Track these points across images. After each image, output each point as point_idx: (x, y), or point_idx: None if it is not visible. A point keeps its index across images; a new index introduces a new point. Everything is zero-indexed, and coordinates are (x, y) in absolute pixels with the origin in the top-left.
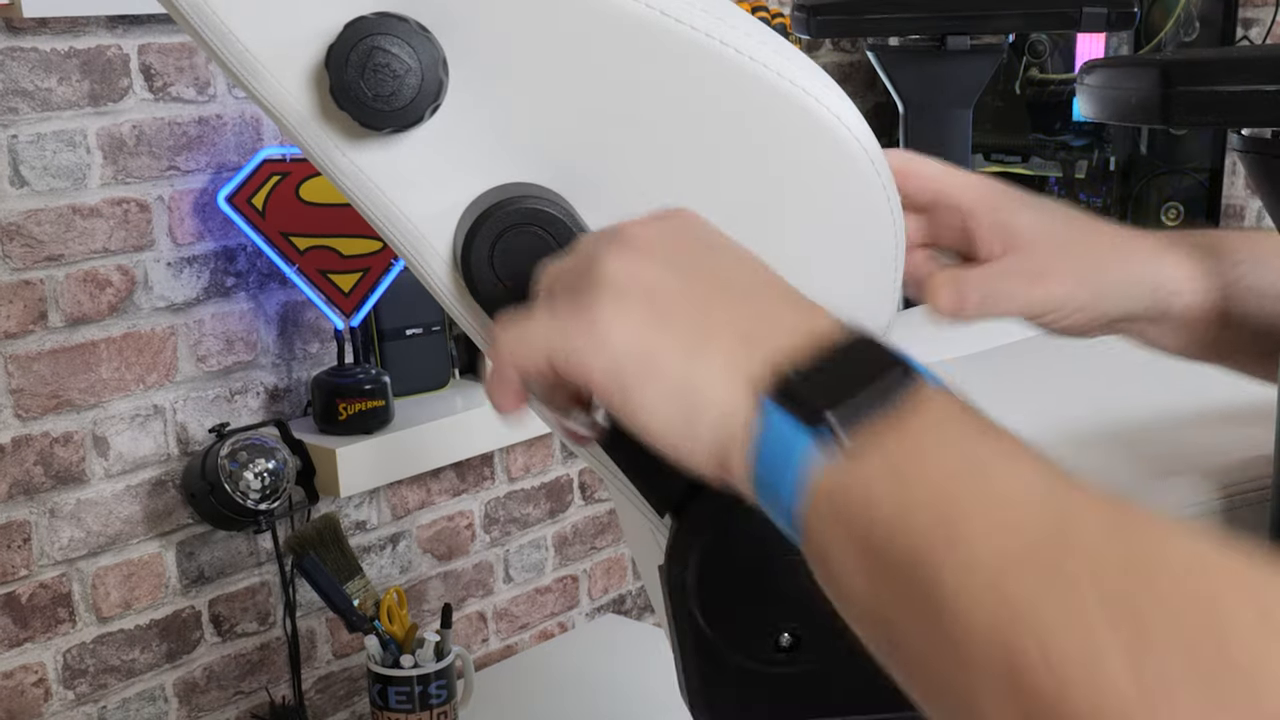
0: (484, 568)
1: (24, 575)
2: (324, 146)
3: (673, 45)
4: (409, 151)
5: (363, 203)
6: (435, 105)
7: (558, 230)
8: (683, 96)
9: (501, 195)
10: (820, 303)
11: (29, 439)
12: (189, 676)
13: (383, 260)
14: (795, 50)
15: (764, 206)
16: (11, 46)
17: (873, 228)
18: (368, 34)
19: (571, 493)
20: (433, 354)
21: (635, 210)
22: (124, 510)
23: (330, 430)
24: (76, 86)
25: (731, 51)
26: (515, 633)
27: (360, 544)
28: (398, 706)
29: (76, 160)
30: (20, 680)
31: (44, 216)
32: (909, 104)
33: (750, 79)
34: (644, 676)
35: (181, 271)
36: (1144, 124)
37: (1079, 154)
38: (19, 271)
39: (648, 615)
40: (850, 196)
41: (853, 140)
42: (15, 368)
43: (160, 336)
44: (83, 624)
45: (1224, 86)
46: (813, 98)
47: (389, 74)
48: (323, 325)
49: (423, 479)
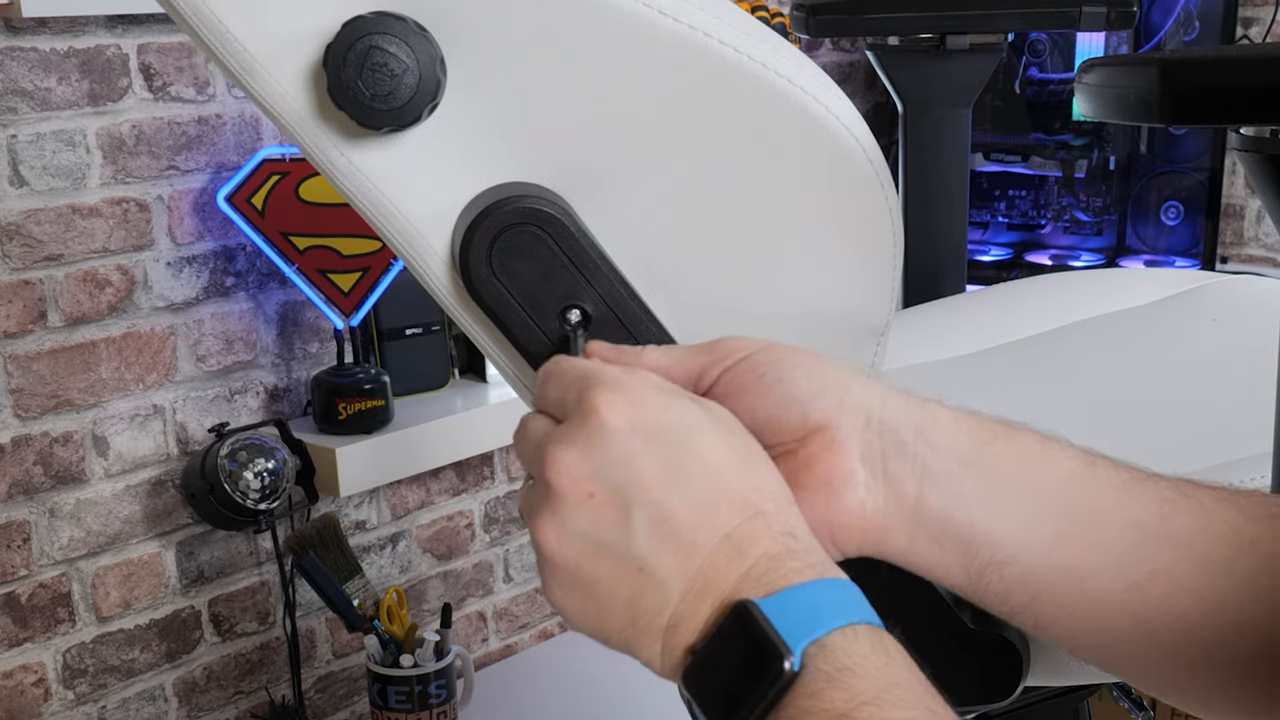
0: (484, 567)
1: (24, 575)
2: (322, 146)
3: (672, 45)
4: (407, 151)
5: (361, 202)
6: (433, 105)
7: (556, 230)
8: (681, 96)
9: (499, 195)
10: (820, 302)
11: (29, 439)
12: (189, 676)
13: (382, 260)
14: (794, 50)
15: (762, 206)
16: (11, 46)
17: (871, 227)
18: (365, 33)
19: None
20: (432, 354)
21: (634, 210)
22: (124, 510)
23: (330, 430)
24: (76, 86)
25: (730, 51)
26: (515, 632)
27: (360, 544)
28: (397, 706)
29: (76, 160)
30: (20, 680)
31: (43, 216)
32: (908, 104)
33: (749, 78)
34: (644, 676)
35: (181, 271)
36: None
37: (1079, 153)
38: (19, 271)
39: None
40: (849, 196)
41: (851, 140)
42: (15, 367)
43: (160, 336)
44: (82, 624)
45: (1223, 85)
46: (811, 97)
47: (387, 73)
48: (322, 325)
49: (422, 479)
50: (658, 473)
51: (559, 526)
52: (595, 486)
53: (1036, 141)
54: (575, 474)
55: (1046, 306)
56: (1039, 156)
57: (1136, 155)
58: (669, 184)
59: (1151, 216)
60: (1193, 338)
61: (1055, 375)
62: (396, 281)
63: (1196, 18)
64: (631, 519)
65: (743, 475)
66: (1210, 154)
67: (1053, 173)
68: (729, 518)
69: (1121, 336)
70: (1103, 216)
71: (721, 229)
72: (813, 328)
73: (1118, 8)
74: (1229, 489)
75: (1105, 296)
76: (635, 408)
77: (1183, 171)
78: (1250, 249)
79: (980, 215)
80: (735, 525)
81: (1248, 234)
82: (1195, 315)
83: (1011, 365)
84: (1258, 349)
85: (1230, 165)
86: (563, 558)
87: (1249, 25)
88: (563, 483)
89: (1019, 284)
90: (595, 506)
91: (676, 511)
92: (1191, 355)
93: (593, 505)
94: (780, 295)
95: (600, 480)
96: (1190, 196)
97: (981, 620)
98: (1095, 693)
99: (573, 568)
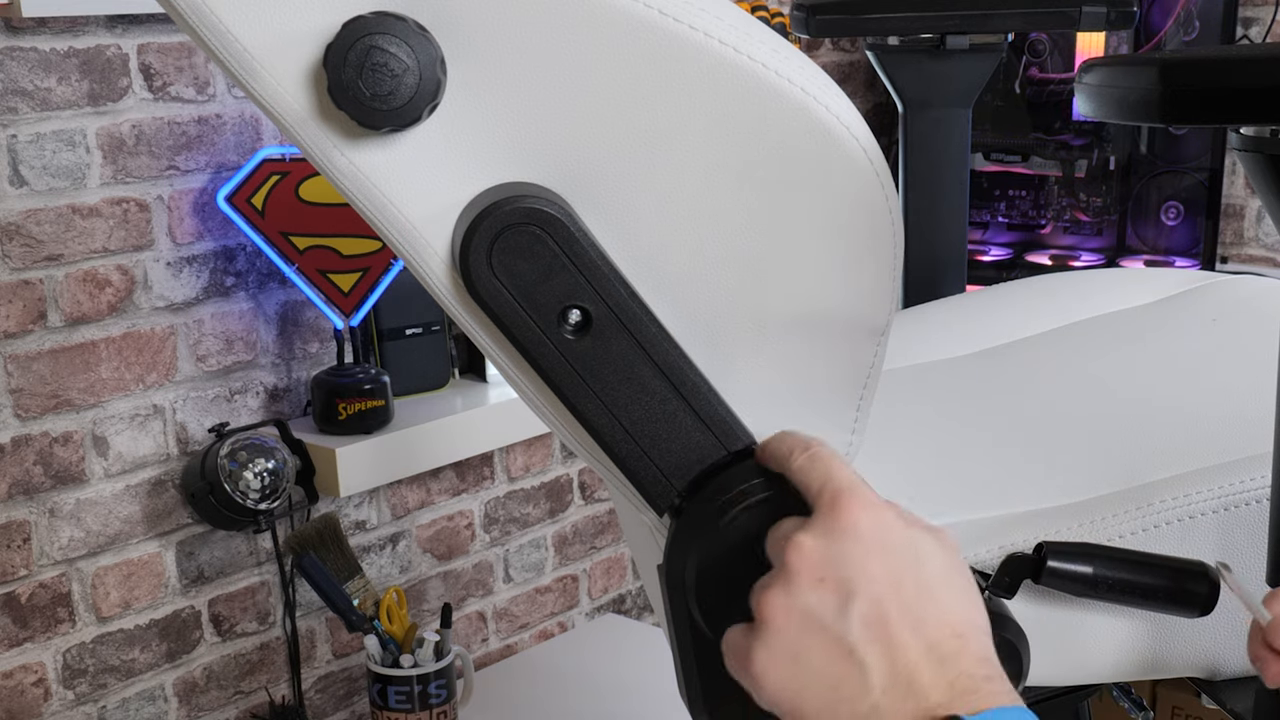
0: (484, 567)
1: (24, 575)
2: (322, 146)
3: (672, 45)
4: (407, 151)
5: (361, 202)
6: (433, 105)
7: (556, 230)
8: (681, 96)
9: (499, 195)
10: (820, 303)
11: (29, 439)
12: (189, 676)
13: (382, 260)
14: (794, 50)
15: (762, 206)
16: (11, 46)
17: (872, 227)
18: (366, 33)
19: (571, 492)
20: (432, 354)
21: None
22: (124, 510)
23: (330, 430)
24: (76, 86)
25: (730, 51)
26: (515, 632)
27: (360, 544)
28: (397, 706)
29: (76, 160)
30: (20, 680)
31: (43, 216)
32: (909, 104)
33: (749, 78)
34: (644, 676)
35: (181, 271)
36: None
37: (1079, 153)
38: (19, 271)
39: (648, 615)
40: (849, 196)
41: (851, 140)
42: (15, 367)
43: (160, 336)
44: (82, 624)
45: (1223, 85)
46: (812, 97)
47: (387, 73)
48: (322, 325)
49: (422, 479)
50: (883, 576)
51: (787, 599)
52: (827, 573)
53: (1036, 141)
54: (813, 559)
55: (1046, 306)
56: (1039, 156)
57: (1136, 155)
58: (669, 184)
59: (1151, 216)
60: (1193, 338)
61: (1055, 375)
62: (396, 281)
63: (1196, 18)
64: (851, 607)
65: (955, 601)
66: (1210, 154)
67: (1053, 173)
68: (936, 633)
69: (1121, 336)
70: (1103, 216)
71: (721, 229)
72: (813, 328)
73: (1118, 8)
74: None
75: (1105, 296)
76: (877, 520)
77: (1183, 171)
78: (1250, 249)
79: (980, 215)
80: (940, 640)
81: (1248, 234)
82: (1195, 315)
83: (1012, 365)
84: (1258, 349)
85: (1230, 165)
86: (781, 627)
87: (1249, 25)
88: (800, 564)
89: (1019, 284)
90: (823, 590)
91: (891, 612)
92: (1191, 355)
93: (821, 589)
94: (780, 295)
95: (833, 569)
96: (1190, 196)
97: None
98: (1095, 693)
99: (789, 639)
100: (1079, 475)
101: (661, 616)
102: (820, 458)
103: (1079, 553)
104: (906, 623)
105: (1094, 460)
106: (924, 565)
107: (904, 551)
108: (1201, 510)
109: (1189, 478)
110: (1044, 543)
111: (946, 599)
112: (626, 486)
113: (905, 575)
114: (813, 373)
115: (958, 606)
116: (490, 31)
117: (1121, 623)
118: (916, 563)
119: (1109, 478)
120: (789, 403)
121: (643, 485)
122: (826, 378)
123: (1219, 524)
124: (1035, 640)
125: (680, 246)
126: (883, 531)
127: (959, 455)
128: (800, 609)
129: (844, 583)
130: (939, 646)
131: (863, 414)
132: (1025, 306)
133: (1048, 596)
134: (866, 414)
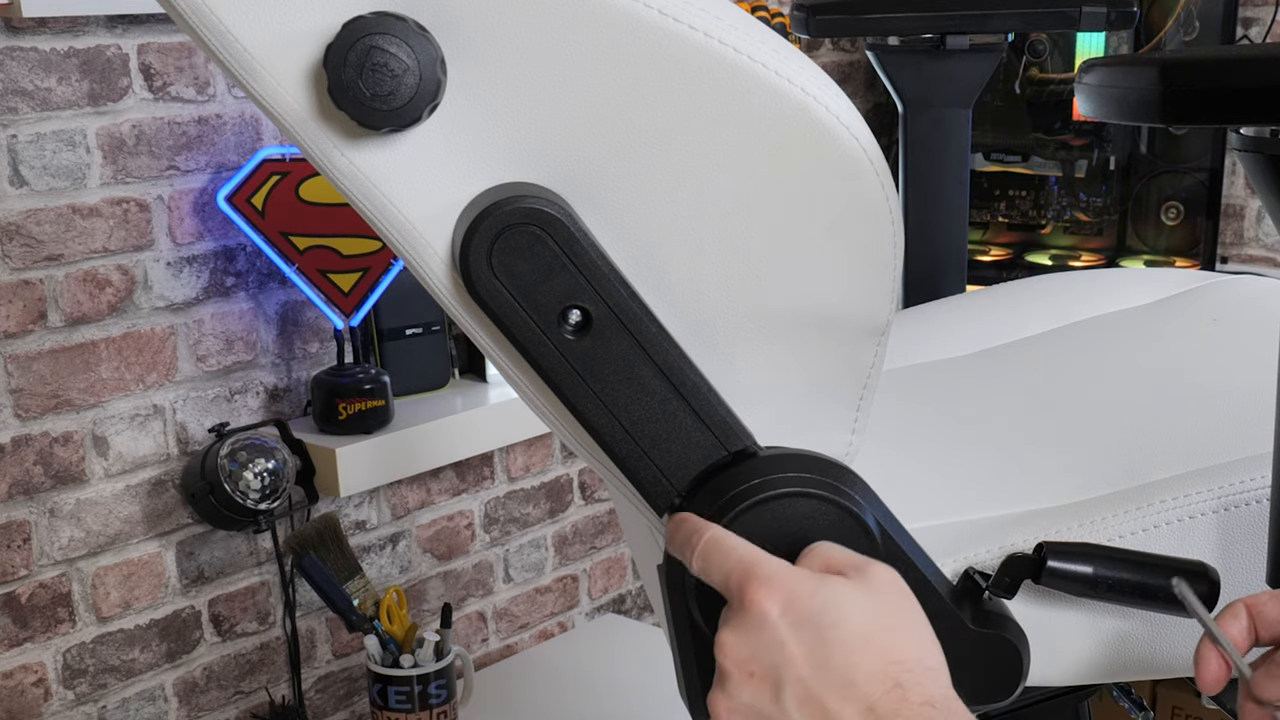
0: (484, 567)
1: (24, 575)
2: (322, 146)
3: (672, 45)
4: (407, 151)
5: (361, 203)
6: (433, 105)
7: (556, 230)
8: (681, 96)
9: (499, 195)
10: (820, 302)
11: (29, 439)
12: (189, 676)
13: (382, 260)
14: (794, 50)
15: (762, 206)
16: (11, 46)
17: (871, 227)
18: (366, 33)
19: (571, 492)
20: (432, 354)
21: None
22: (124, 510)
23: (330, 430)
24: (76, 86)
25: (730, 51)
26: (515, 632)
27: (360, 544)
28: (397, 706)
29: (76, 160)
30: (20, 680)
31: (43, 216)
32: (909, 104)
33: (749, 78)
34: (644, 676)
35: (181, 271)
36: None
37: (1079, 153)
38: (19, 271)
39: (648, 615)
40: (849, 196)
41: (851, 139)
42: (15, 367)
43: (160, 336)
44: (82, 624)
45: (1223, 85)
46: (812, 97)
47: (387, 73)
48: (322, 325)
49: (422, 479)
50: (801, 655)
51: (728, 700)
52: (755, 667)
53: (1036, 141)
54: (737, 656)
55: (1046, 306)
56: (1039, 156)
57: (1136, 155)
58: (668, 184)
59: (1151, 216)
60: (1193, 338)
61: (1055, 376)
62: (396, 281)
63: (1196, 18)
64: (783, 694)
65: (884, 649)
66: (1210, 154)
67: (1053, 173)
68: (870, 690)
69: (1121, 336)
70: (1103, 216)
71: (721, 229)
72: (813, 328)
73: (1118, 8)
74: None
75: (1105, 296)
76: (787, 597)
77: (1183, 171)
78: (1250, 249)
79: (980, 215)
80: (877, 698)
81: (1248, 234)
82: (1195, 315)
83: (1012, 365)
84: (1258, 349)
85: (1230, 165)
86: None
87: (1249, 25)
88: (728, 664)
89: (1019, 284)
90: (755, 684)
91: (816, 688)
92: (1192, 355)
93: (753, 683)
94: (780, 295)
95: (757, 661)
96: (1190, 196)
97: (981, 620)
98: (1095, 693)
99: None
100: (1079, 475)
101: (661, 616)
102: (711, 553)
103: (1079, 553)
104: (835, 693)
105: (1094, 460)
106: (844, 624)
107: (818, 619)
108: (1201, 510)
109: (1189, 478)
110: (1044, 543)
111: (880, 647)
112: (626, 486)
113: (823, 645)
114: (813, 373)
115: (886, 654)
116: (490, 32)
117: (1122, 623)
118: (835, 625)
119: (1109, 478)
120: (789, 403)
121: (643, 485)
122: (826, 378)
123: (1218, 524)
124: (1035, 640)
125: (680, 246)
126: (791, 608)
127: (959, 455)
128: (742, 707)
129: (770, 670)
130: (877, 705)
131: (863, 414)
132: (1025, 306)
133: (1048, 596)
134: (867, 414)
